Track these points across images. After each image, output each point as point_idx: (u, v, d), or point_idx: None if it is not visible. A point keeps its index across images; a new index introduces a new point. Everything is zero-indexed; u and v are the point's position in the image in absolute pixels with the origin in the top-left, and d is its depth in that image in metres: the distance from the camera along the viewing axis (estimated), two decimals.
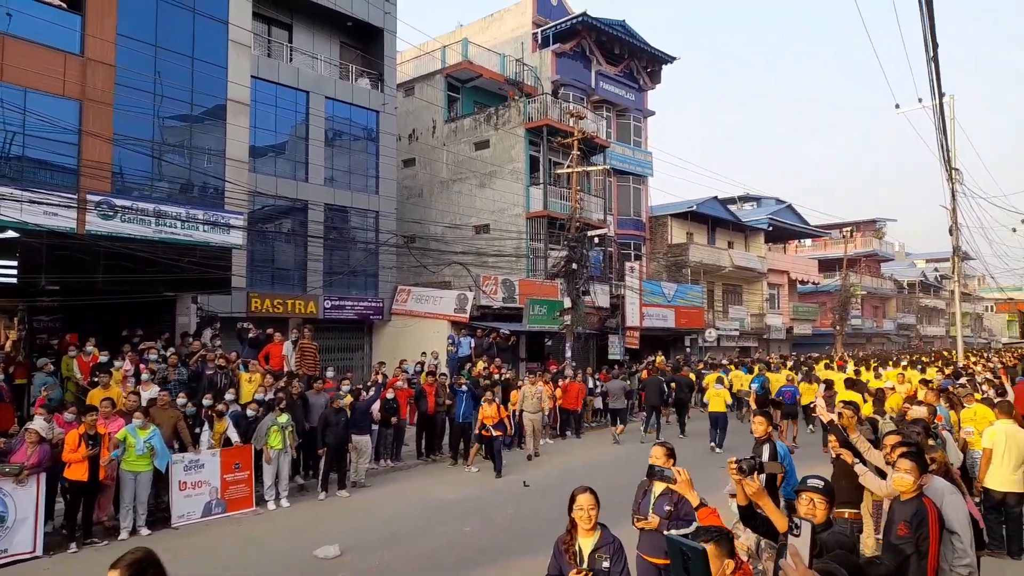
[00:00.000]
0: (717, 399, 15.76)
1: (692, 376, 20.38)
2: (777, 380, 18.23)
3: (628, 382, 18.96)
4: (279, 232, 20.78)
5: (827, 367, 20.94)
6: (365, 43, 23.37)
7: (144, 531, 9.22)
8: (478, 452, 13.51)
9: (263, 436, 10.55)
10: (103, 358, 11.92)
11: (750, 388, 18.21)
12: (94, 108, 14.06)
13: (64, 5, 13.92)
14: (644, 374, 20.19)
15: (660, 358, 23.89)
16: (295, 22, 21.71)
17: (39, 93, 13.42)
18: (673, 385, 18.29)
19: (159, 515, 9.78)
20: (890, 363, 24.12)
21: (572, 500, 4.18)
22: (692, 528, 4.31)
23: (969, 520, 4.54)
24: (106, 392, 10.47)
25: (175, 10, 15.40)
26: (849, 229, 45.82)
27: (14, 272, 11.57)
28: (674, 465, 4.59)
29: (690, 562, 2.54)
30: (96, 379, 10.99)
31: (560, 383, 17.90)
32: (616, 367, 22.29)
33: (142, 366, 12.04)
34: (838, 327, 40.42)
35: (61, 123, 13.43)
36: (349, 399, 12.11)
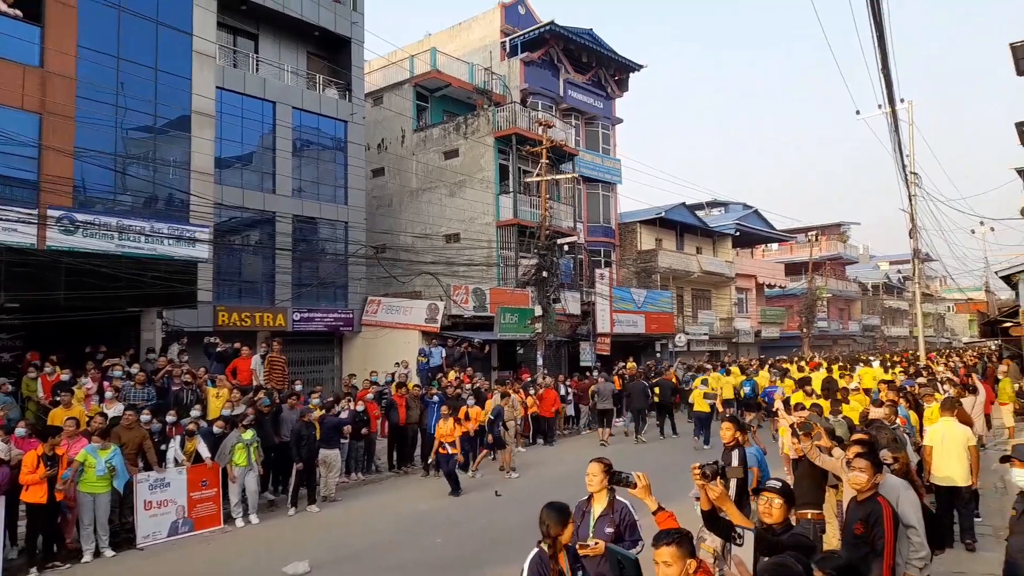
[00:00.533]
0: (701, 399, 16.53)
1: (675, 379, 20.83)
2: (759, 381, 19.08)
3: (613, 386, 19.30)
4: (246, 245, 20.57)
5: (799, 369, 21.36)
6: (332, 53, 23.30)
7: (108, 552, 9.06)
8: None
9: (227, 454, 10.41)
10: (65, 376, 11.69)
11: (740, 389, 19.00)
12: (54, 121, 13.84)
13: (20, 15, 13.69)
14: (615, 381, 20.43)
15: (632, 365, 24.08)
16: (261, 32, 21.56)
17: None
18: (657, 389, 18.83)
19: (124, 535, 9.60)
20: (860, 363, 24.53)
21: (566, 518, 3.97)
22: (639, 549, 4.34)
23: (922, 515, 4.70)
24: (68, 411, 10.26)
25: (137, 21, 15.23)
26: (814, 233, 46.74)
27: None
28: (609, 482, 4.48)
29: (624, 570, 2.65)
30: (58, 398, 10.78)
31: (535, 392, 17.98)
32: (602, 371, 22.45)
33: (106, 383, 11.83)
34: (805, 330, 41.08)
35: (20, 137, 13.19)
36: (319, 412, 12.04)
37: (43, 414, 10.95)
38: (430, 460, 13.79)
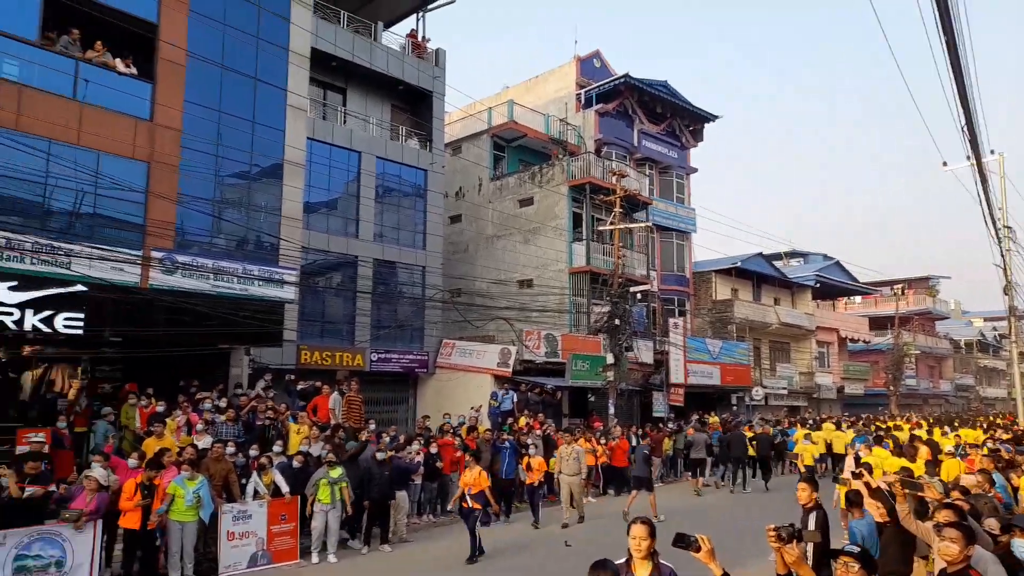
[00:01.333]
0: (806, 453, 16.71)
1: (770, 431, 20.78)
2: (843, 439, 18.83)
3: (708, 436, 19.32)
4: (329, 287, 21.39)
5: (897, 428, 20.51)
6: (415, 105, 24.32)
7: None
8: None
9: (312, 487, 10.71)
10: (160, 408, 12.36)
11: (852, 446, 18.82)
12: (160, 169, 14.89)
13: (136, 73, 14.92)
14: (690, 432, 20.11)
15: (715, 419, 23.58)
16: (349, 87, 22.77)
17: (110, 156, 14.28)
18: (755, 442, 18.88)
19: (208, 564, 9.96)
20: (956, 424, 23.19)
21: None
22: None
23: None
24: (160, 442, 10.86)
25: (238, 78, 16.34)
26: (901, 286, 44.80)
27: (81, 324, 12.17)
28: (654, 544, 4.25)
29: None
30: (152, 428, 11.41)
31: (608, 442, 17.82)
32: (697, 421, 22.21)
33: (195, 416, 12.43)
34: (892, 387, 39.18)
35: (130, 184, 14.26)
36: (390, 453, 12.24)
37: (138, 443, 11.58)
38: (450, 507, 12.89)
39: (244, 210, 16.50)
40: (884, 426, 21.51)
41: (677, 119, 32.64)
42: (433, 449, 13.66)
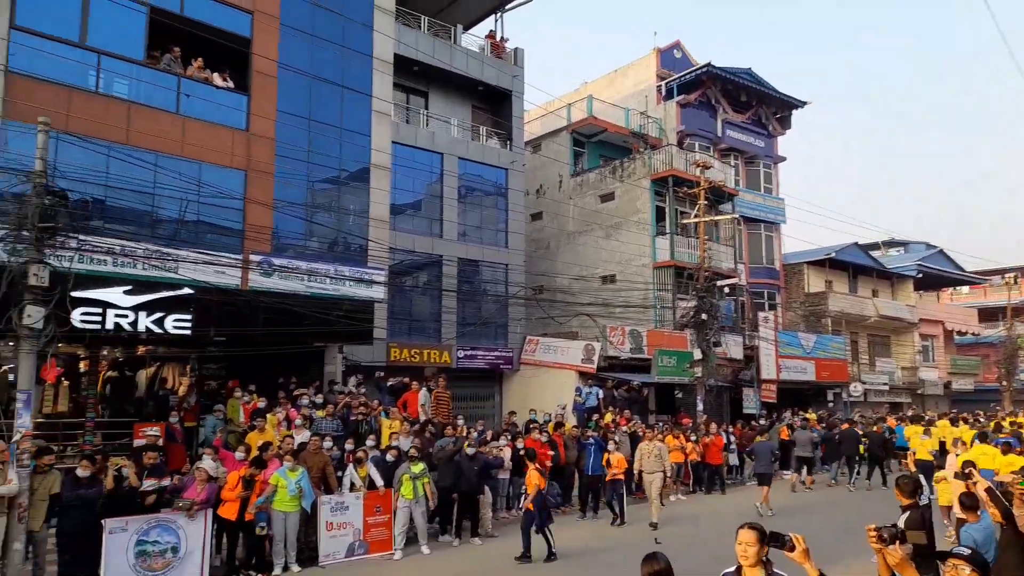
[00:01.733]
0: (922, 449, 15.92)
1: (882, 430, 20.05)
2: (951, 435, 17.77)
3: (815, 435, 18.89)
4: (416, 286, 21.92)
5: (1019, 425, 19.23)
6: (495, 105, 24.57)
7: (295, 567, 9.87)
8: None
9: (397, 482, 11.01)
10: (261, 404, 13.00)
11: (955, 445, 18.00)
12: (257, 177, 15.62)
13: (232, 86, 15.72)
14: (783, 431, 19.53)
15: (812, 415, 22.79)
16: (431, 90, 23.23)
17: (211, 165, 15.10)
18: (866, 440, 18.55)
19: (308, 553, 10.40)
20: None
21: None
22: None
23: None
24: (262, 436, 11.41)
25: (326, 87, 16.96)
26: (1013, 275, 41.87)
27: (189, 325, 12.94)
28: (765, 550, 3.91)
29: None
30: (254, 423, 12.02)
31: (702, 439, 17.53)
32: (800, 418, 21.63)
33: (293, 411, 13.00)
34: (1005, 382, 36.66)
35: (229, 192, 15.03)
36: (473, 449, 12.38)
37: (242, 436, 12.22)
38: (520, 506, 12.64)
39: (334, 213, 17.10)
40: (1003, 423, 20.11)
41: (763, 107, 31.64)
42: (520, 445, 13.75)
